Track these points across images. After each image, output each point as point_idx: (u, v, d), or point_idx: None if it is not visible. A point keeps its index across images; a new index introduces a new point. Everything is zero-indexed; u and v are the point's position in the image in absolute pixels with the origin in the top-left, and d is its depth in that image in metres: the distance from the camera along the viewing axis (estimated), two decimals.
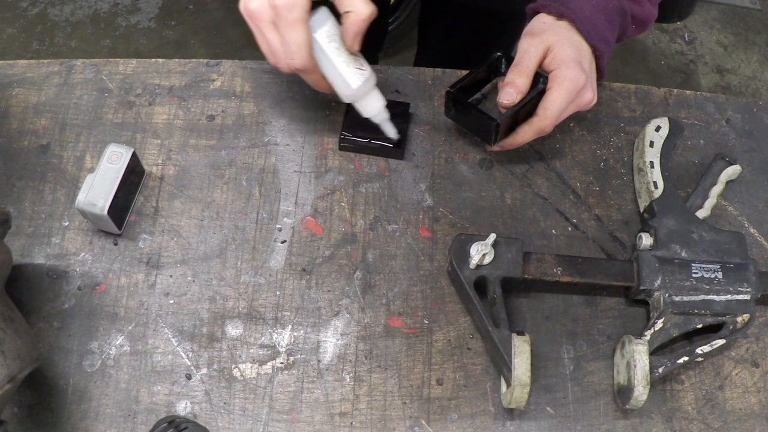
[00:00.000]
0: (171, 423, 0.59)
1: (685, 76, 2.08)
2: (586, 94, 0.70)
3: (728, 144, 0.80)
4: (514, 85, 0.68)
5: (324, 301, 0.70)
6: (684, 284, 0.67)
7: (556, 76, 0.68)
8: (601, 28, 0.71)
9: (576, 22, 0.70)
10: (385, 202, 0.75)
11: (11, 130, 0.76)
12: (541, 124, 0.69)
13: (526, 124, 0.71)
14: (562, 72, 0.68)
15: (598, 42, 0.71)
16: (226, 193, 0.74)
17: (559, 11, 0.71)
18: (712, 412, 0.67)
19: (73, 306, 0.68)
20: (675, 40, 2.15)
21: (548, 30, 0.70)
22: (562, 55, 0.69)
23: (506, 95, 0.68)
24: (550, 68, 0.69)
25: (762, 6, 2.22)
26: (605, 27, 0.71)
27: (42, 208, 0.72)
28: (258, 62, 0.81)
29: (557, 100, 0.68)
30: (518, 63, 0.69)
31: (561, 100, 0.68)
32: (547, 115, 0.69)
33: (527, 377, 0.61)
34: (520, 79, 0.68)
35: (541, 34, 0.70)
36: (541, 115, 0.69)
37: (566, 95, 0.68)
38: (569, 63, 0.68)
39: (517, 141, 0.72)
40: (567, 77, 0.68)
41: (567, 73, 0.68)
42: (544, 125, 0.69)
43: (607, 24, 0.71)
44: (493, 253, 0.67)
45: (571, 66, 0.68)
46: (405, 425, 0.65)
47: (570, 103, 0.69)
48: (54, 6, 2.03)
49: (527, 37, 0.71)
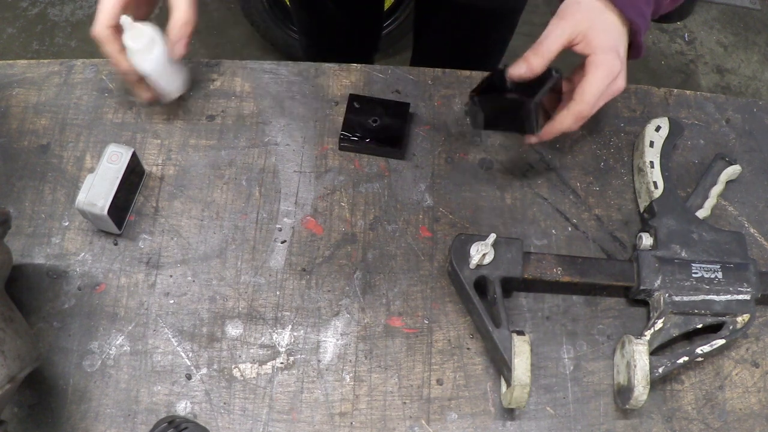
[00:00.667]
0: (171, 423, 0.59)
1: (685, 76, 2.08)
2: (619, 82, 0.69)
3: (728, 144, 0.80)
4: (527, 62, 0.67)
5: (324, 301, 0.70)
6: (684, 284, 0.67)
7: (593, 61, 0.67)
8: (637, 1, 0.69)
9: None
10: (385, 202, 0.75)
11: (11, 130, 0.76)
12: (579, 108, 0.68)
13: (564, 109, 0.69)
14: (599, 57, 0.67)
15: (635, 16, 0.69)
16: (226, 193, 0.74)
17: None
18: (712, 412, 0.67)
19: (73, 306, 0.68)
20: (675, 40, 2.15)
21: (580, 12, 0.68)
22: (598, 40, 0.67)
23: (517, 67, 0.67)
24: (585, 53, 0.68)
25: (762, 6, 2.22)
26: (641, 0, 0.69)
27: (42, 208, 0.72)
28: (258, 62, 0.81)
29: (595, 84, 0.67)
30: (539, 42, 0.68)
31: (598, 84, 0.67)
32: (585, 99, 0.67)
33: (527, 377, 0.61)
34: (535, 59, 0.67)
35: (571, 17, 0.68)
36: (578, 99, 0.68)
37: (604, 80, 0.67)
38: (606, 49, 0.67)
39: (556, 128, 0.70)
40: (604, 62, 0.67)
41: (604, 58, 0.67)
42: (582, 109, 0.68)
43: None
44: (493, 253, 0.67)
45: (608, 52, 0.67)
46: (405, 425, 0.65)
47: (606, 87, 0.68)
48: (54, 6, 2.03)
49: (556, 19, 0.69)
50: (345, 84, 0.81)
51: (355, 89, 0.80)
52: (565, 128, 0.70)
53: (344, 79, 0.81)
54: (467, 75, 0.82)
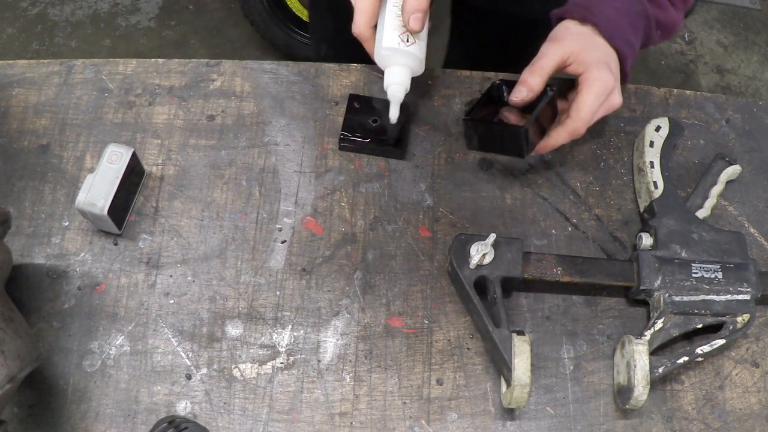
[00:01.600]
0: (171, 423, 0.59)
1: (685, 76, 2.08)
2: (615, 97, 0.70)
3: (728, 144, 0.80)
4: (525, 84, 0.68)
5: (324, 301, 0.70)
6: (684, 284, 0.67)
7: (586, 78, 0.68)
8: (624, 31, 0.71)
9: (599, 26, 0.70)
10: (385, 202, 0.75)
11: (11, 130, 0.76)
12: (574, 126, 0.69)
13: (558, 126, 0.70)
14: (591, 74, 0.68)
15: (622, 45, 0.71)
16: (226, 193, 0.74)
17: (583, 15, 0.71)
18: (712, 412, 0.67)
19: (73, 306, 0.68)
20: (675, 40, 2.15)
21: (571, 36, 0.70)
22: (589, 58, 0.69)
23: (517, 92, 0.68)
24: (578, 72, 0.69)
25: (762, 6, 2.22)
26: (629, 30, 0.71)
27: (42, 208, 0.72)
28: (258, 62, 0.81)
29: (589, 100, 0.68)
30: (533, 62, 0.69)
31: (592, 100, 0.68)
32: (580, 116, 0.68)
33: (527, 377, 0.61)
34: (533, 78, 0.68)
35: (562, 40, 0.70)
36: (574, 116, 0.69)
37: (597, 96, 0.68)
38: (598, 65, 0.68)
39: (550, 144, 0.71)
40: (597, 78, 0.68)
41: (597, 74, 0.68)
42: (577, 126, 0.69)
43: (630, 27, 0.71)
44: (493, 253, 0.67)
45: (600, 67, 0.68)
46: (405, 425, 0.65)
47: (601, 104, 0.69)
48: (54, 6, 2.03)
49: (548, 43, 0.71)
50: (345, 84, 0.81)
51: (355, 89, 0.81)
52: (560, 144, 0.71)
53: (344, 79, 0.81)
54: (467, 75, 0.82)
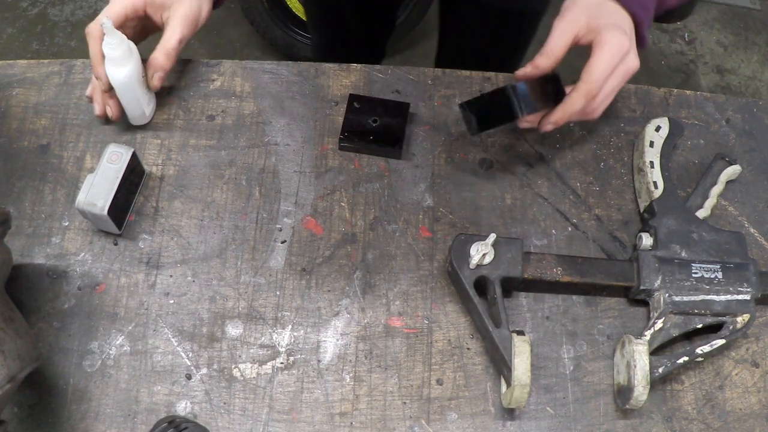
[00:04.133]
0: (171, 423, 0.59)
1: (685, 76, 2.08)
2: (631, 59, 0.67)
3: (728, 144, 0.80)
4: (534, 65, 0.67)
5: (324, 301, 0.70)
6: (684, 284, 0.67)
7: (599, 41, 0.66)
8: None
9: None
10: (385, 202, 0.75)
11: (11, 130, 0.76)
12: (587, 88, 0.67)
13: (572, 90, 0.68)
14: (604, 36, 0.66)
15: (636, 8, 0.68)
16: (226, 193, 0.74)
17: None
18: (712, 412, 0.67)
19: (73, 306, 0.68)
20: (675, 40, 2.15)
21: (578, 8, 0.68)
22: (600, 22, 0.66)
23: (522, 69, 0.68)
24: (590, 38, 0.67)
25: (762, 6, 2.22)
26: None
27: (42, 208, 0.72)
28: (258, 62, 0.81)
29: (602, 60, 0.66)
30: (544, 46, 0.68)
31: (606, 60, 0.66)
32: (592, 78, 0.66)
33: (527, 377, 0.61)
34: (540, 59, 0.67)
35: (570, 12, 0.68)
36: (586, 78, 0.66)
37: (611, 56, 0.66)
38: (610, 27, 0.66)
39: (567, 110, 0.68)
40: (610, 39, 0.65)
41: (609, 36, 0.66)
42: (591, 87, 0.67)
43: None
44: (493, 253, 0.67)
45: (612, 30, 0.66)
46: (405, 425, 0.65)
47: (615, 66, 0.67)
48: (54, 6, 2.03)
49: (557, 20, 0.69)
50: (345, 84, 0.81)
51: (355, 89, 0.81)
52: (577, 109, 0.68)
53: (344, 79, 0.81)
54: (467, 75, 0.82)
